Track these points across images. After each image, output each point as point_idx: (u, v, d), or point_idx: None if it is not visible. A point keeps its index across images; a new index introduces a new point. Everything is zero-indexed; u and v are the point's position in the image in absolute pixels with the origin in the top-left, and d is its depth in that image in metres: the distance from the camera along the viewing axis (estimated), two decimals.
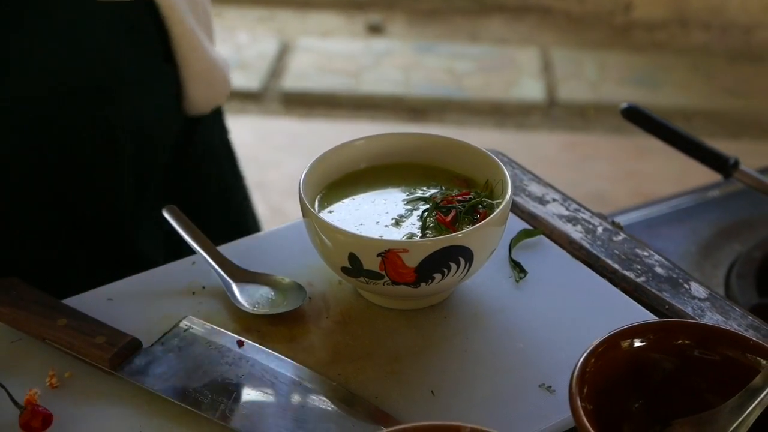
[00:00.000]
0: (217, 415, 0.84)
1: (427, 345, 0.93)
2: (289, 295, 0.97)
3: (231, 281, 0.98)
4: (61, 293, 0.99)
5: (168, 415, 0.85)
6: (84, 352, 0.89)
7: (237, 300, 0.96)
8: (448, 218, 0.93)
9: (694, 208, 1.61)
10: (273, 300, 0.97)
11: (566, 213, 1.12)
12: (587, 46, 4.36)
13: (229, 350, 0.91)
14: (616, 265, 1.03)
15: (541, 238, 1.06)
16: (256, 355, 0.90)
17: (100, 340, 0.90)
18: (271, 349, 0.91)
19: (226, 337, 0.92)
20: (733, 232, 1.55)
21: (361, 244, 0.89)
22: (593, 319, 0.94)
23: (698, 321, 0.94)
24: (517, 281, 1.00)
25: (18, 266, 1.12)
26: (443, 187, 0.99)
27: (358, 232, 0.91)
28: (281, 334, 0.94)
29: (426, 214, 0.94)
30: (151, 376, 0.88)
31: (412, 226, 0.94)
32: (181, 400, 0.85)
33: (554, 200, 1.14)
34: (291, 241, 1.05)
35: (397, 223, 0.95)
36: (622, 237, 1.08)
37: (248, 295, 0.97)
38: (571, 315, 0.96)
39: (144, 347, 0.91)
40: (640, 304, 0.97)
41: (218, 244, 1.04)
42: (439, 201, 0.95)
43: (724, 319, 0.96)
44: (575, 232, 1.08)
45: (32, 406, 0.84)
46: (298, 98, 4.00)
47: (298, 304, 0.96)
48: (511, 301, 0.98)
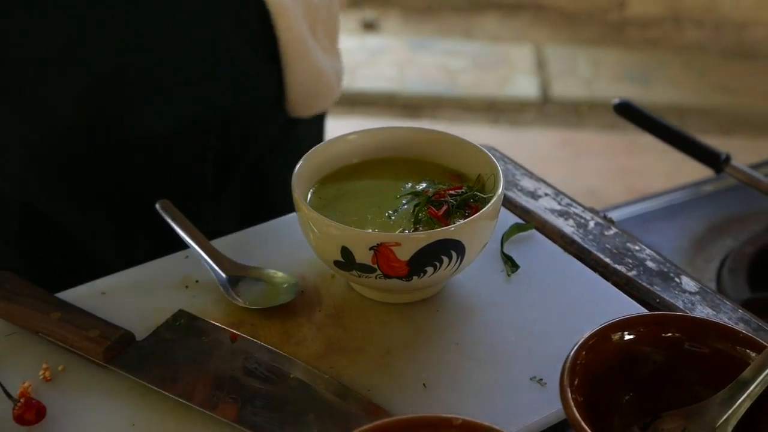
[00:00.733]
0: (209, 409, 0.84)
1: (419, 338, 0.93)
2: (282, 289, 0.97)
3: (224, 275, 0.99)
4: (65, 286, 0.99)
5: (161, 408, 0.85)
6: (77, 345, 0.90)
7: (230, 294, 0.97)
8: (440, 212, 0.93)
9: (687, 204, 1.61)
10: (266, 294, 0.97)
11: (558, 207, 1.12)
12: (581, 43, 4.36)
13: (222, 344, 0.91)
14: (608, 259, 1.04)
15: (533, 232, 1.06)
16: (249, 348, 0.91)
17: (94, 333, 0.90)
18: (264, 343, 0.91)
19: (219, 331, 0.93)
20: (725, 227, 1.56)
21: (354, 238, 0.89)
22: (585, 313, 0.95)
23: (689, 314, 0.95)
24: (509, 275, 1.00)
25: (91, 255, 1.12)
26: (435, 182, 0.99)
27: (350, 226, 0.92)
28: (274, 328, 0.94)
29: (418, 208, 0.95)
30: (145, 370, 0.88)
31: (405, 220, 0.94)
32: (174, 393, 0.86)
33: (546, 195, 1.14)
34: (284, 235, 1.06)
35: (390, 217, 0.95)
36: (613, 231, 1.08)
37: (241, 289, 0.98)
38: (562, 309, 0.96)
39: (137, 341, 0.91)
40: (632, 297, 0.98)
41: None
42: (432, 195, 0.96)
43: (715, 313, 0.97)
44: (567, 227, 1.09)
45: (26, 399, 0.84)
46: None
47: (290, 298, 0.96)
48: (502, 294, 0.98)
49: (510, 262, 1.01)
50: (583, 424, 0.72)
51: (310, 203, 0.97)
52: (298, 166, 0.96)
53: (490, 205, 0.91)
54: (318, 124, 1.40)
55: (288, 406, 0.85)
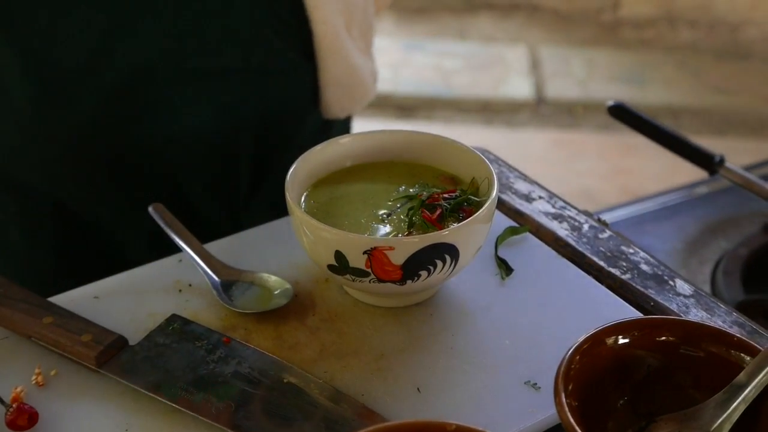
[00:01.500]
0: (203, 413, 0.84)
1: (413, 342, 0.93)
2: (276, 293, 0.97)
3: (217, 279, 0.98)
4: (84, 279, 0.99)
5: (154, 413, 0.85)
6: (70, 349, 0.89)
7: (223, 298, 0.97)
8: (434, 216, 0.93)
9: (681, 206, 1.61)
10: (259, 298, 0.97)
11: (552, 210, 1.12)
12: (575, 43, 4.36)
13: (216, 348, 0.91)
14: (602, 263, 1.04)
15: (527, 235, 1.06)
16: (243, 352, 0.90)
17: (86, 338, 0.90)
18: (258, 347, 0.91)
19: (213, 335, 0.92)
20: (720, 229, 1.56)
21: (347, 242, 0.89)
22: (579, 317, 0.95)
23: (683, 318, 0.95)
24: (503, 278, 1.00)
25: (129, 245, 1.11)
26: (429, 185, 0.99)
27: (343, 230, 0.91)
28: (267, 332, 0.94)
29: (412, 212, 0.94)
30: (137, 374, 0.88)
31: (398, 223, 0.94)
32: (167, 397, 0.85)
33: (540, 198, 1.14)
34: (277, 239, 1.05)
35: (383, 221, 0.95)
36: (607, 234, 1.08)
37: (235, 293, 0.97)
38: (556, 312, 0.96)
39: (130, 345, 0.91)
40: (626, 301, 0.98)
41: None
42: (425, 199, 0.96)
43: (709, 316, 0.96)
44: (561, 230, 1.08)
45: (18, 404, 0.84)
46: None
47: (284, 302, 0.96)
48: (496, 298, 0.98)
49: (504, 266, 1.01)
50: (578, 428, 0.71)
51: (303, 207, 0.96)
52: (291, 170, 0.96)
53: (484, 208, 0.91)
54: (347, 126, 1.40)
55: (281, 411, 0.84)
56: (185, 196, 1.07)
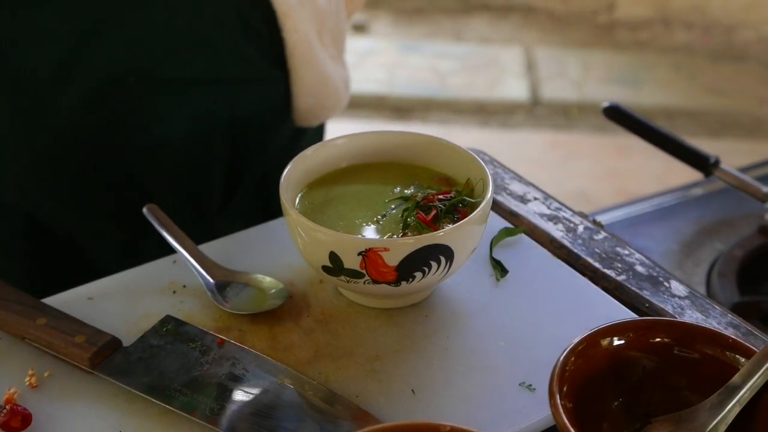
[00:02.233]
0: (197, 414, 0.84)
1: (408, 344, 0.93)
2: (270, 294, 0.97)
3: (212, 280, 0.98)
4: (54, 291, 0.98)
5: (148, 415, 0.85)
6: (64, 351, 0.89)
7: (218, 299, 0.96)
8: (429, 217, 0.93)
9: (676, 207, 1.61)
10: (254, 299, 0.97)
11: (547, 212, 1.12)
12: (571, 45, 4.36)
13: (210, 349, 0.91)
14: (597, 264, 1.03)
15: (522, 236, 1.06)
16: (237, 354, 0.90)
17: (80, 339, 0.89)
18: (252, 348, 0.91)
19: (207, 336, 0.92)
20: (715, 230, 1.56)
21: (342, 243, 0.88)
22: (574, 318, 0.95)
23: (678, 319, 0.95)
24: (498, 280, 1.00)
25: (96, 266, 1.11)
26: (424, 186, 0.99)
27: (338, 231, 0.91)
28: (262, 333, 0.94)
29: (407, 213, 0.94)
30: (131, 376, 0.87)
31: (393, 225, 0.94)
32: (161, 399, 0.85)
33: (535, 199, 1.14)
34: (272, 240, 1.05)
35: (378, 222, 0.94)
36: (602, 235, 1.08)
37: (229, 294, 0.97)
38: (551, 313, 0.96)
39: (124, 346, 0.91)
40: (621, 302, 0.98)
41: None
42: (420, 200, 0.95)
43: (704, 318, 0.96)
44: (556, 231, 1.08)
45: (11, 406, 0.83)
46: None
47: (278, 303, 0.96)
48: (492, 299, 0.98)
49: (499, 267, 1.01)
50: (573, 430, 0.71)
51: (298, 208, 0.96)
52: (286, 171, 0.96)
53: (479, 209, 0.91)
54: (320, 132, 1.40)
55: (276, 413, 0.84)
56: (158, 206, 1.06)
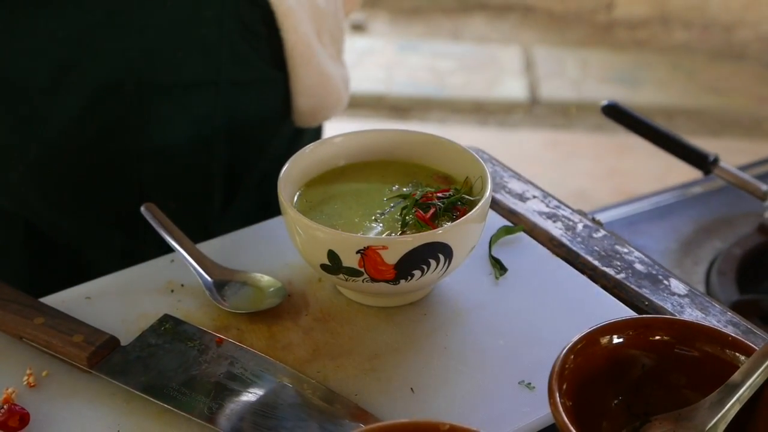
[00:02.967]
0: (195, 414, 0.84)
1: (407, 342, 0.92)
2: (269, 293, 0.97)
3: (210, 279, 0.98)
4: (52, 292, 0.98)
5: (146, 414, 0.85)
6: (61, 350, 0.89)
7: (216, 298, 0.96)
8: (428, 215, 0.93)
9: (675, 206, 1.61)
10: (252, 298, 0.97)
11: (546, 210, 1.12)
12: (569, 44, 4.36)
13: (208, 348, 0.90)
14: (596, 262, 1.03)
15: (522, 235, 1.06)
16: (235, 353, 0.90)
17: (78, 338, 0.89)
18: (250, 347, 0.91)
19: (205, 335, 0.92)
20: (714, 229, 1.56)
21: (340, 241, 0.88)
22: (573, 316, 0.94)
23: (677, 317, 0.94)
24: (497, 278, 1.00)
25: (98, 260, 1.11)
26: (423, 184, 0.99)
27: (337, 229, 0.91)
28: (260, 332, 0.93)
29: (405, 211, 0.94)
30: (129, 375, 0.87)
31: (392, 223, 0.94)
32: (159, 398, 0.85)
33: (534, 197, 1.14)
34: (270, 239, 1.05)
35: (377, 220, 0.94)
36: (602, 234, 1.08)
37: (227, 293, 0.97)
38: (551, 312, 0.96)
39: (122, 345, 0.91)
40: (620, 300, 0.98)
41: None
42: (419, 198, 0.95)
43: (704, 316, 0.96)
44: (555, 229, 1.08)
45: (9, 406, 0.83)
46: None
47: (277, 302, 0.96)
48: (491, 298, 0.97)
49: (498, 265, 1.01)
50: (572, 428, 0.71)
51: (296, 206, 0.96)
52: (284, 169, 0.96)
53: (477, 207, 0.91)
54: (318, 133, 1.39)
55: (274, 412, 0.84)
56: (159, 204, 1.06)
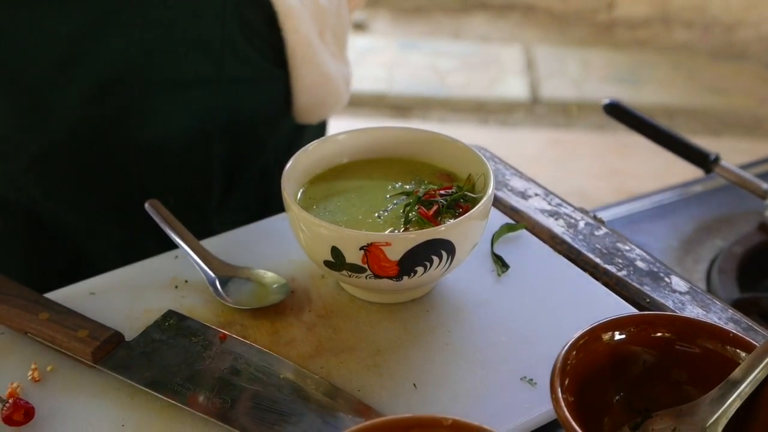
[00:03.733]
0: (199, 409, 0.84)
1: (409, 338, 0.93)
2: (272, 289, 0.97)
3: (214, 275, 0.98)
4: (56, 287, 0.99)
5: (150, 409, 0.85)
6: (66, 345, 0.89)
7: (220, 294, 0.97)
8: (431, 212, 0.93)
9: (676, 204, 1.61)
10: (256, 294, 0.97)
11: (548, 207, 1.12)
12: (570, 43, 4.36)
13: (212, 344, 0.91)
14: (598, 259, 1.04)
15: (523, 232, 1.06)
16: (239, 348, 0.90)
17: (83, 333, 0.90)
18: (254, 343, 0.91)
19: (209, 331, 0.92)
20: (715, 227, 1.56)
21: (344, 238, 0.89)
22: (575, 313, 0.95)
23: (679, 314, 0.95)
24: (500, 275, 1.00)
25: (96, 264, 1.12)
26: (425, 182, 0.99)
27: (340, 226, 0.92)
28: (264, 328, 0.94)
29: (408, 208, 0.95)
30: (134, 370, 0.88)
31: (395, 220, 0.94)
32: (163, 393, 0.85)
33: (536, 195, 1.14)
34: (274, 236, 1.05)
35: (380, 217, 0.95)
36: (603, 231, 1.08)
37: (231, 289, 0.97)
38: (552, 309, 0.96)
39: (126, 341, 0.91)
40: (622, 297, 0.98)
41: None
42: (422, 195, 0.96)
43: (705, 313, 0.97)
44: (557, 227, 1.09)
45: (14, 400, 0.84)
46: None
47: (280, 298, 0.96)
48: (493, 294, 0.98)
49: (500, 263, 1.01)
50: (574, 424, 0.72)
51: (300, 203, 0.96)
52: (287, 166, 0.96)
53: (480, 205, 0.91)
54: (322, 129, 1.40)
55: (277, 407, 0.84)
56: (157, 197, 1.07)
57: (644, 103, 3.78)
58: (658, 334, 0.81)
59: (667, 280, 1.01)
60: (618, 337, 0.81)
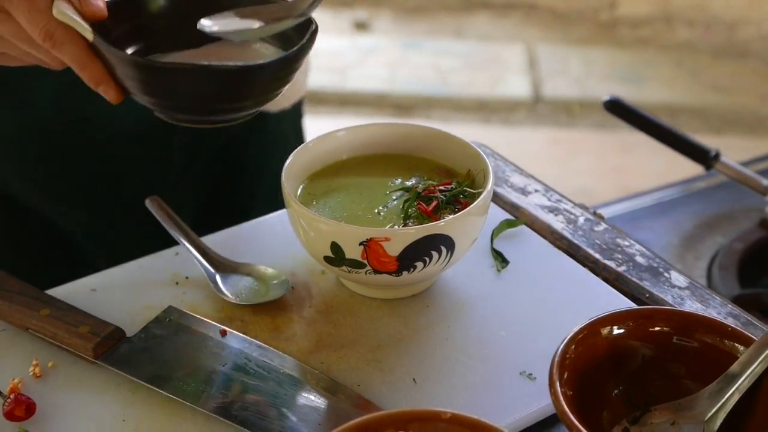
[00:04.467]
0: (200, 404, 0.84)
1: (409, 333, 0.93)
2: (272, 285, 0.98)
3: (214, 271, 0.99)
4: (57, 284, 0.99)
5: (151, 404, 0.86)
6: (67, 341, 0.90)
7: (220, 290, 0.97)
8: (430, 208, 0.94)
9: (677, 201, 1.62)
10: (256, 290, 0.97)
11: (548, 203, 1.12)
12: (572, 42, 4.36)
13: (212, 339, 0.91)
14: (598, 255, 1.04)
15: (523, 228, 1.07)
16: (239, 344, 0.91)
17: (84, 329, 0.90)
18: (254, 338, 0.91)
19: (210, 327, 0.93)
20: (715, 224, 1.56)
21: (343, 233, 0.89)
22: (574, 308, 0.95)
23: (677, 308, 0.95)
24: (499, 270, 1.01)
25: (64, 237, 1.14)
26: (425, 177, 1.00)
27: (340, 222, 0.92)
28: (264, 324, 0.94)
29: (408, 204, 0.95)
30: (135, 365, 0.88)
31: (394, 215, 0.94)
32: (164, 389, 0.86)
33: (536, 191, 1.15)
34: (274, 232, 1.06)
35: (379, 213, 0.95)
36: (603, 227, 1.09)
37: (231, 285, 0.98)
38: (552, 304, 0.96)
39: (127, 337, 0.91)
40: (621, 293, 0.98)
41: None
42: (421, 191, 0.96)
43: (704, 308, 0.97)
44: (557, 222, 1.09)
45: (16, 395, 0.84)
46: None
47: (280, 294, 0.96)
48: (492, 290, 0.98)
49: (500, 258, 1.02)
50: (573, 417, 0.72)
51: (300, 199, 0.97)
52: (287, 162, 0.97)
53: (479, 200, 0.92)
54: (292, 119, 1.41)
55: (277, 402, 0.85)
56: (123, 188, 1.07)
57: (646, 101, 3.78)
58: (657, 329, 0.82)
59: (666, 275, 1.01)
60: (617, 331, 0.81)
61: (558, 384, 0.75)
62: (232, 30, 0.85)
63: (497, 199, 1.12)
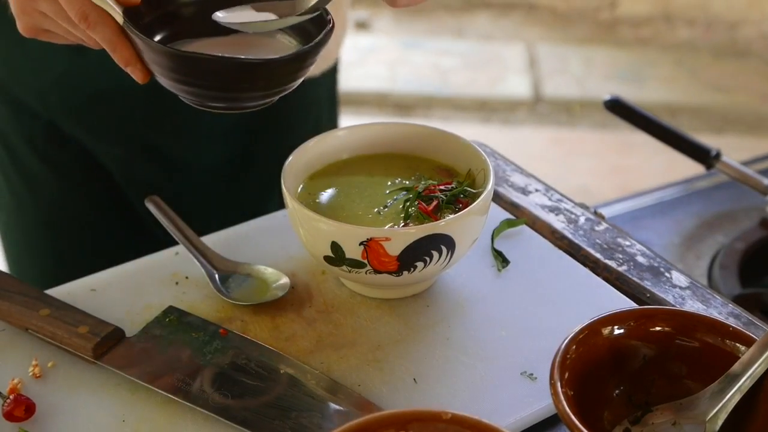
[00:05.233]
0: (200, 404, 0.84)
1: (409, 333, 0.93)
2: (272, 285, 0.97)
3: (214, 271, 0.99)
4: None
5: (151, 404, 0.85)
6: (67, 341, 0.89)
7: (220, 290, 0.97)
8: (430, 207, 0.93)
9: (678, 200, 1.62)
10: (256, 289, 0.97)
11: (549, 203, 1.12)
12: (573, 42, 4.36)
13: (212, 339, 0.91)
14: (598, 255, 1.04)
15: (524, 227, 1.06)
16: (239, 344, 0.91)
17: (83, 329, 0.90)
18: (254, 338, 0.91)
19: (210, 327, 0.92)
20: (716, 223, 1.56)
21: (343, 233, 0.89)
22: (575, 308, 0.95)
23: (678, 308, 0.95)
24: (500, 270, 1.00)
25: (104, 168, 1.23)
26: (425, 177, 0.99)
27: (340, 221, 0.92)
28: (264, 324, 0.94)
29: (408, 203, 0.95)
30: (134, 366, 0.88)
31: (395, 215, 0.94)
32: (164, 389, 0.86)
33: (537, 191, 1.14)
34: (274, 232, 1.06)
35: (380, 213, 0.95)
36: (604, 227, 1.08)
37: (231, 285, 0.98)
38: (553, 304, 0.96)
39: (127, 337, 0.91)
40: (622, 292, 0.98)
41: None
42: (422, 190, 0.96)
43: (705, 308, 0.97)
44: (558, 222, 1.09)
45: (15, 396, 0.84)
46: None
47: (281, 294, 0.96)
48: (493, 289, 0.98)
49: (500, 258, 1.01)
50: (574, 418, 0.72)
51: (299, 198, 0.96)
52: (287, 162, 0.96)
53: (480, 200, 0.91)
54: (327, 85, 1.43)
55: (278, 402, 0.85)
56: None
57: (647, 100, 3.78)
58: (658, 328, 0.81)
59: (667, 275, 1.01)
60: (617, 331, 0.81)
61: (559, 384, 0.75)
62: (244, 22, 0.88)
63: (498, 198, 1.12)
